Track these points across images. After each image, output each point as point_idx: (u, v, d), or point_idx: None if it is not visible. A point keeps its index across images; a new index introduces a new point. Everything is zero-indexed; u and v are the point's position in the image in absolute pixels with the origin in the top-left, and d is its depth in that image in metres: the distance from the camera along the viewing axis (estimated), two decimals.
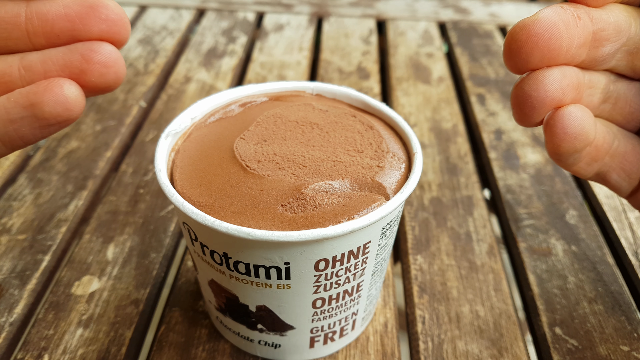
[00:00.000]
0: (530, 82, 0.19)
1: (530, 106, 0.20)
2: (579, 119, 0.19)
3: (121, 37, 0.18)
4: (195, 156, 0.24)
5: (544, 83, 0.19)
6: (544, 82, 0.19)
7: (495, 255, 0.33)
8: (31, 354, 0.27)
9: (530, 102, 0.19)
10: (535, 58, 0.19)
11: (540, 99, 0.19)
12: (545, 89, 0.19)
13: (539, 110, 0.20)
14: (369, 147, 0.24)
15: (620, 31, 0.20)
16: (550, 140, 0.20)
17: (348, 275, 0.23)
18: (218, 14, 0.62)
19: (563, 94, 0.19)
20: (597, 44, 0.20)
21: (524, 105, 0.20)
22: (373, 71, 0.52)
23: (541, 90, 0.19)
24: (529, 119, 0.20)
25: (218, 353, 0.27)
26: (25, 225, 0.34)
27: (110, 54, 0.18)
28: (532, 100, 0.19)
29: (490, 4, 0.67)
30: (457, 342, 0.28)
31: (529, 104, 0.19)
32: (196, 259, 0.24)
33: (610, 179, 0.23)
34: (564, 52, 0.19)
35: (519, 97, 0.20)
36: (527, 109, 0.20)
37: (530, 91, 0.19)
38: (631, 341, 0.28)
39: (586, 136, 0.20)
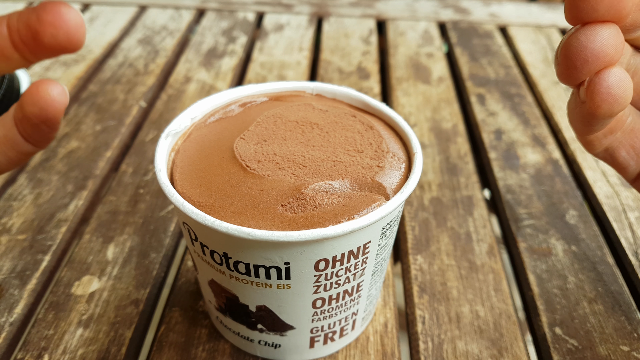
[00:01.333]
0: (588, 33, 0.18)
1: (583, 59, 0.19)
2: (623, 81, 0.19)
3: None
4: (195, 156, 0.24)
5: (601, 36, 0.18)
6: (601, 35, 0.18)
7: (495, 255, 0.33)
8: (31, 354, 0.27)
9: (583, 55, 0.19)
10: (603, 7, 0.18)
11: (596, 52, 0.18)
12: (602, 43, 0.18)
13: (591, 65, 0.19)
14: (369, 147, 0.24)
15: None
16: (591, 99, 0.19)
17: (348, 275, 0.23)
18: (218, 14, 0.62)
19: (616, 52, 0.19)
20: None
21: (576, 57, 0.19)
22: (373, 71, 0.52)
23: (597, 43, 0.18)
24: (577, 73, 0.19)
25: (218, 353, 0.27)
26: (25, 225, 0.34)
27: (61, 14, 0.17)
28: (587, 53, 0.18)
29: (490, 4, 0.67)
30: (457, 342, 0.28)
31: (582, 57, 0.19)
32: (196, 259, 0.24)
33: (619, 156, 0.23)
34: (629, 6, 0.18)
35: (573, 47, 0.19)
36: (579, 61, 0.19)
37: (586, 43, 0.18)
38: (631, 341, 0.28)
39: (626, 100, 0.19)
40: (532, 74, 0.53)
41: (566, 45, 0.19)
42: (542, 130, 0.45)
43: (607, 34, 0.18)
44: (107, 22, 0.59)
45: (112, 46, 0.55)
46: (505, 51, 0.57)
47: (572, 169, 0.41)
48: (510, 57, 0.56)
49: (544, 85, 0.51)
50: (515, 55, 0.57)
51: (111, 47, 0.55)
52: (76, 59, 0.52)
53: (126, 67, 0.51)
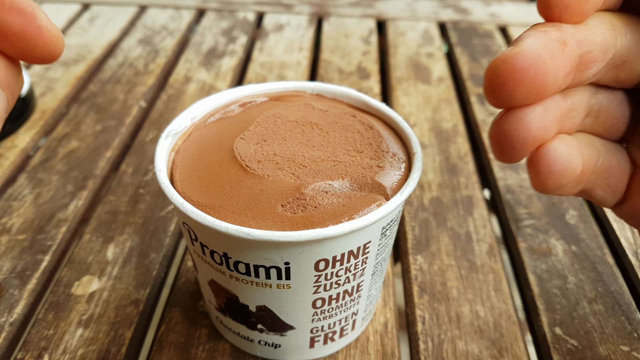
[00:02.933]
0: (511, 121, 0.18)
1: (511, 146, 0.18)
2: (564, 156, 0.18)
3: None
4: (195, 156, 0.24)
5: (525, 122, 0.18)
6: (525, 120, 0.18)
7: (495, 255, 0.33)
8: (31, 354, 0.27)
9: (510, 142, 0.18)
10: (519, 95, 0.17)
11: (522, 139, 0.18)
12: (527, 129, 0.18)
13: (520, 151, 0.18)
14: (369, 147, 0.24)
15: (607, 49, 0.18)
16: (535, 177, 0.19)
17: (348, 275, 0.23)
18: (218, 14, 0.62)
19: (546, 132, 0.18)
20: (584, 67, 0.18)
21: (504, 144, 0.18)
22: (373, 71, 0.52)
23: (522, 130, 0.18)
24: (510, 158, 0.19)
25: (218, 353, 0.27)
26: (25, 225, 0.34)
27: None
28: (513, 140, 0.18)
29: (490, 4, 0.67)
30: (457, 342, 0.28)
31: (509, 144, 0.18)
32: (196, 259, 0.24)
33: (595, 195, 0.22)
34: (550, 86, 0.17)
35: (499, 136, 0.18)
36: (508, 148, 0.18)
37: (511, 131, 0.18)
38: (631, 341, 0.28)
39: (573, 171, 0.19)
40: None
41: (492, 132, 0.19)
42: None
43: (532, 117, 0.18)
44: (107, 22, 0.59)
45: (112, 46, 0.55)
46: None
47: None
48: None
49: None
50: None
51: (111, 47, 0.55)
52: (76, 59, 0.52)
53: (126, 67, 0.51)
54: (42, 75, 0.50)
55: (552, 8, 0.17)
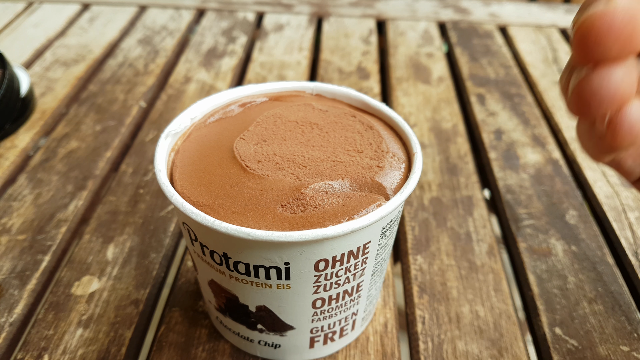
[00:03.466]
0: (601, 77, 0.18)
1: (598, 103, 0.18)
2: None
3: None
4: (195, 156, 0.24)
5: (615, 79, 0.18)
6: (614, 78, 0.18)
7: (495, 256, 0.33)
8: (31, 354, 0.27)
9: (598, 98, 0.18)
10: (615, 50, 0.17)
11: (612, 94, 0.18)
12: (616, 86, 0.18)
13: (607, 106, 0.18)
14: (368, 147, 0.24)
15: None
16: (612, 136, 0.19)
17: (348, 276, 0.23)
18: (218, 14, 0.62)
19: (631, 90, 0.18)
20: None
21: (591, 100, 0.18)
22: (373, 71, 0.52)
23: (612, 87, 0.18)
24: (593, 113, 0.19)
25: (218, 353, 0.27)
26: (25, 225, 0.34)
27: None
28: (602, 96, 0.18)
29: (490, 4, 0.67)
30: (457, 342, 0.28)
31: (597, 101, 0.18)
32: (196, 259, 0.24)
33: (625, 165, 0.22)
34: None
35: (586, 93, 0.18)
36: (595, 104, 0.18)
37: (601, 86, 0.18)
38: (631, 341, 0.28)
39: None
40: (532, 74, 0.53)
41: (579, 89, 0.19)
42: (542, 130, 0.45)
43: (622, 74, 0.18)
44: (107, 22, 0.59)
45: (112, 46, 0.55)
46: (505, 51, 0.57)
47: (572, 169, 0.41)
48: (510, 57, 0.56)
49: (544, 85, 0.51)
50: (515, 55, 0.57)
51: (111, 47, 0.55)
52: (76, 59, 0.52)
53: (126, 67, 0.51)
54: (42, 76, 0.50)
55: None
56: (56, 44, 0.55)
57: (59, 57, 0.53)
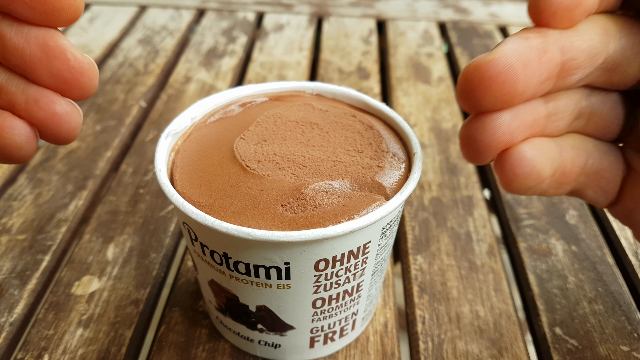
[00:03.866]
0: (477, 125, 0.18)
1: (476, 149, 0.19)
2: (528, 159, 0.18)
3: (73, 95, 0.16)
4: (195, 156, 0.24)
5: (491, 127, 0.18)
6: (490, 126, 0.18)
7: (495, 255, 0.33)
8: (31, 354, 0.27)
9: (475, 145, 0.18)
10: (487, 101, 0.17)
11: (486, 143, 0.18)
12: (492, 133, 0.18)
13: (484, 154, 0.19)
14: (368, 147, 0.24)
15: (594, 55, 0.18)
16: (501, 178, 0.19)
17: (348, 275, 0.23)
18: (218, 14, 0.62)
19: (512, 137, 0.18)
20: (566, 74, 0.18)
21: (470, 147, 0.19)
22: (373, 71, 0.52)
23: (487, 135, 0.18)
24: (476, 160, 0.19)
25: (218, 353, 0.27)
26: (25, 225, 0.34)
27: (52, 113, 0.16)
28: (478, 144, 0.18)
29: (490, 4, 0.67)
30: (457, 342, 0.28)
31: (475, 147, 0.19)
32: (196, 259, 0.24)
33: (587, 195, 0.22)
34: (519, 94, 0.17)
35: (466, 138, 0.19)
36: (473, 151, 0.19)
37: (476, 135, 0.18)
38: (631, 341, 0.28)
39: (538, 174, 0.19)
40: None
41: (460, 134, 0.19)
42: None
43: (498, 123, 0.18)
44: (107, 22, 0.59)
45: (112, 46, 0.55)
46: None
47: None
48: None
49: None
50: None
51: (111, 47, 0.55)
52: None
53: (126, 67, 0.51)
54: None
55: (541, 14, 0.17)
56: None
57: None
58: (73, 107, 0.17)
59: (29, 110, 0.16)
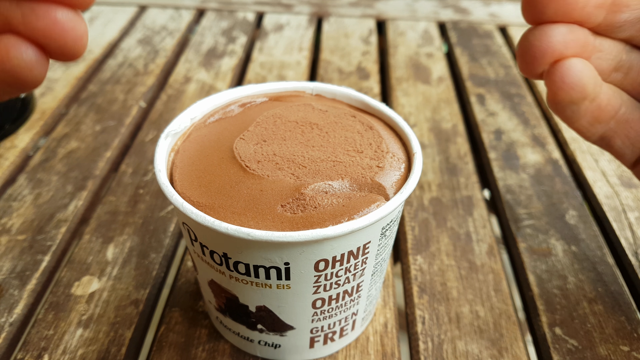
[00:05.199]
0: (536, 32, 0.20)
1: (532, 55, 0.20)
2: (577, 71, 0.20)
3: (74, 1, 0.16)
4: (195, 156, 0.24)
5: (548, 34, 0.20)
6: (548, 33, 0.20)
7: (495, 256, 0.33)
8: (31, 354, 0.27)
9: (532, 52, 0.20)
10: (550, 10, 0.19)
11: (542, 49, 0.20)
12: (548, 40, 0.20)
13: (540, 61, 0.20)
14: (368, 147, 0.24)
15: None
16: (549, 88, 0.21)
17: (348, 276, 0.23)
18: (218, 14, 0.62)
19: (565, 47, 0.20)
20: (616, 9, 0.20)
21: (526, 54, 0.20)
22: (373, 71, 0.52)
23: (544, 41, 0.20)
24: (531, 67, 0.21)
25: (218, 353, 0.27)
26: (25, 225, 0.34)
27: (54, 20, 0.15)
28: (535, 50, 0.20)
29: (490, 4, 0.67)
30: (457, 342, 0.28)
31: (531, 54, 0.20)
32: (196, 259, 0.24)
33: (614, 144, 0.23)
34: (579, 7, 0.19)
35: (523, 46, 0.20)
36: (529, 58, 0.20)
37: (534, 41, 0.20)
38: (631, 341, 0.28)
39: (583, 88, 0.20)
40: None
41: (519, 43, 0.21)
42: (542, 130, 0.45)
43: (555, 32, 0.20)
44: (107, 22, 0.59)
45: (112, 46, 0.55)
46: (505, 51, 0.57)
47: (572, 169, 0.41)
48: (510, 57, 0.56)
49: (544, 85, 0.51)
50: (515, 55, 0.57)
51: (111, 47, 0.55)
52: None
53: (126, 67, 0.51)
54: None
55: None
56: None
57: None
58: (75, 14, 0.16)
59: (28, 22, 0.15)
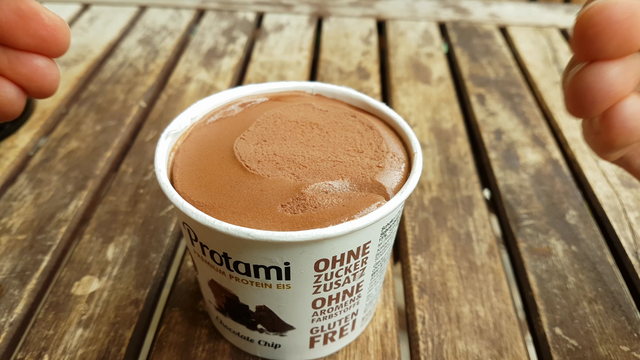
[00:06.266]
0: (594, 73, 0.18)
1: (591, 99, 0.18)
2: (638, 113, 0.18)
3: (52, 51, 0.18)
4: (195, 156, 0.24)
5: (609, 76, 0.18)
6: (608, 74, 0.18)
7: (495, 256, 0.33)
8: (31, 354, 0.27)
9: (591, 95, 0.18)
10: (612, 47, 0.17)
11: (604, 92, 0.18)
12: (610, 82, 0.18)
13: (600, 104, 0.18)
14: (369, 147, 0.24)
15: None
16: (606, 132, 0.19)
17: (348, 276, 0.23)
18: (218, 14, 0.62)
19: (626, 87, 0.18)
20: None
21: (584, 98, 0.18)
22: (373, 71, 0.52)
23: (605, 83, 0.18)
24: (587, 112, 0.19)
25: (218, 353, 0.27)
26: (25, 225, 0.34)
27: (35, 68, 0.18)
28: (594, 93, 0.18)
29: (490, 4, 0.67)
30: (457, 342, 0.28)
31: (590, 97, 0.18)
32: (196, 259, 0.24)
33: (634, 164, 0.22)
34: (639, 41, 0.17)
35: (580, 89, 0.18)
36: (587, 102, 0.18)
37: (593, 83, 0.18)
38: (631, 341, 0.28)
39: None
40: (532, 74, 0.53)
41: (573, 84, 0.19)
42: (542, 130, 0.45)
43: (615, 72, 0.18)
44: (107, 22, 0.59)
45: (112, 46, 0.55)
46: (505, 51, 0.57)
47: (572, 169, 0.41)
48: (510, 57, 0.56)
49: (544, 85, 0.51)
50: (515, 55, 0.57)
51: (111, 47, 0.55)
52: (76, 59, 0.52)
53: (126, 67, 0.51)
54: None
55: None
56: None
57: None
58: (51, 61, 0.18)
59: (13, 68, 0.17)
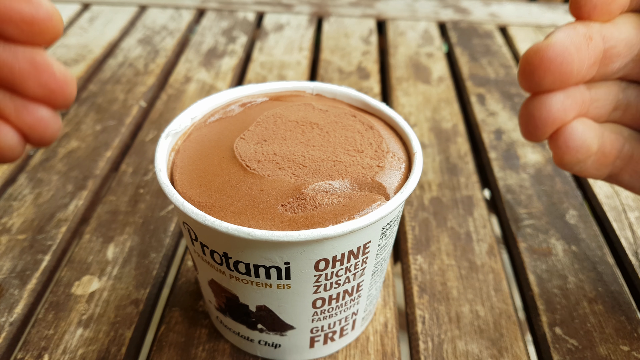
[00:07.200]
0: (535, 103, 0.21)
1: (534, 126, 0.21)
2: (580, 134, 0.21)
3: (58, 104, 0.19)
4: (195, 156, 0.24)
5: (547, 105, 0.20)
6: (547, 103, 0.20)
7: (495, 255, 0.33)
8: (31, 354, 0.27)
9: (533, 122, 0.21)
10: (547, 81, 0.20)
11: (543, 119, 0.21)
12: (548, 111, 0.20)
13: (542, 130, 0.21)
14: (369, 147, 0.24)
15: (631, 45, 0.21)
16: (554, 152, 0.22)
17: (348, 275, 0.23)
18: (218, 14, 0.62)
19: (565, 114, 0.21)
20: (608, 62, 0.21)
21: (529, 124, 0.21)
22: (373, 71, 0.52)
23: (544, 112, 0.20)
24: (534, 136, 0.21)
25: (218, 353, 0.27)
26: (25, 225, 0.34)
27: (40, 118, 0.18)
28: (536, 121, 0.21)
29: (490, 4, 0.67)
30: (457, 342, 0.28)
31: (533, 124, 0.21)
32: (196, 258, 0.24)
33: (623, 180, 0.24)
34: (574, 75, 0.20)
35: (525, 116, 0.21)
36: (532, 127, 0.21)
37: (534, 112, 0.21)
38: (631, 341, 0.28)
39: (587, 148, 0.21)
40: None
41: (520, 113, 0.22)
42: None
43: (554, 101, 0.20)
44: (107, 22, 0.59)
45: (112, 46, 0.55)
46: (505, 51, 0.57)
47: None
48: (510, 57, 0.56)
49: None
50: (515, 55, 0.57)
51: (111, 47, 0.55)
52: (76, 59, 0.52)
53: (126, 67, 0.51)
54: None
55: (582, 8, 0.20)
56: (56, 44, 0.55)
57: (59, 57, 0.53)
58: (55, 114, 0.19)
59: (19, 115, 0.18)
